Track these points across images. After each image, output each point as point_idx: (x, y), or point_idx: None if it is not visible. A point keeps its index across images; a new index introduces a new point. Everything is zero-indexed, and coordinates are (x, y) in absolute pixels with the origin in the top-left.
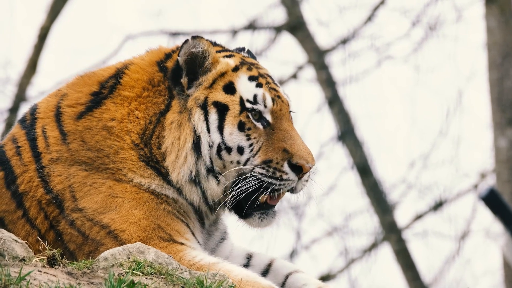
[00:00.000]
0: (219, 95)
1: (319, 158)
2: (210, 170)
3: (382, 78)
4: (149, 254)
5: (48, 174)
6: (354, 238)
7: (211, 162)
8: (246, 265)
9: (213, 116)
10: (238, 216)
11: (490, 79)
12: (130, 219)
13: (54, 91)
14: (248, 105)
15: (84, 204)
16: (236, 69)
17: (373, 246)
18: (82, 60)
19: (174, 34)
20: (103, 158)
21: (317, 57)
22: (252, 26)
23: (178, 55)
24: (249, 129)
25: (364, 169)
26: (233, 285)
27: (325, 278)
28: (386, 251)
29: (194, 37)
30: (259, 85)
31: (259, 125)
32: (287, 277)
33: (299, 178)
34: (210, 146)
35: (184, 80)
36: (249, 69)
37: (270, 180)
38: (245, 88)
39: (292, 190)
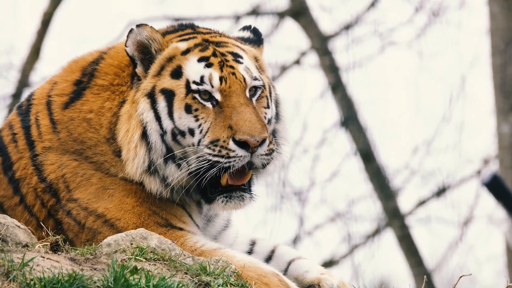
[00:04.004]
0: (166, 82)
1: (322, 144)
2: (169, 157)
3: (385, 64)
4: (152, 240)
5: (42, 163)
6: (357, 224)
7: (168, 149)
8: (250, 251)
9: (162, 104)
10: (204, 201)
11: (493, 65)
12: (124, 208)
13: (50, 77)
14: (193, 86)
15: (78, 194)
16: (186, 51)
17: (376, 232)
18: (85, 46)
19: (177, 20)
20: (87, 150)
21: (320, 43)
22: (255, 12)
23: (126, 45)
24: (196, 110)
25: (367, 155)
26: (236, 271)
27: (328, 264)
28: (389, 237)
29: (138, 26)
30: (208, 65)
31: (208, 104)
32: (289, 263)
33: (252, 153)
34: (162, 134)
35: (138, 69)
36: (204, 49)
37: (216, 158)
38: (193, 70)
39: (250, 165)
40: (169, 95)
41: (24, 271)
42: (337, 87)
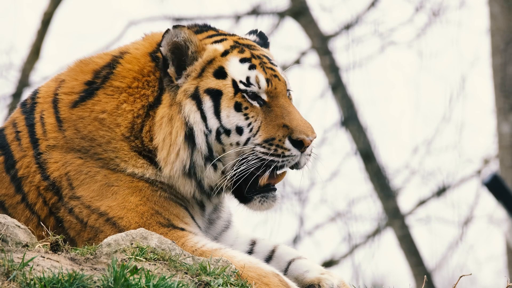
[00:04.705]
0: (210, 82)
1: (322, 143)
2: (208, 158)
3: (386, 63)
4: (152, 240)
5: (45, 161)
6: (358, 223)
7: (209, 150)
8: (250, 251)
9: (208, 104)
10: (238, 200)
11: (493, 65)
12: (127, 206)
13: (56, 75)
14: (241, 86)
15: (81, 192)
16: (225, 53)
17: (376, 231)
18: (85, 46)
19: (178, 20)
20: (96, 147)
21: (321, 43)
22: (255, 12)
23: (161, 46)
24: (246, 108)
25: (367, 155)
26: (236, 271)
27: (328, 264)
28: (389, 237)
29: (175, 27)
30: (252, 67)
31: (255, 103)
32: (290, 263)
33: (302, 152)
34: (207, 134)
35: (170, 70)
36: (241, 51)
37: (271, 158)
38: (237, 70)
39: (296, 166)
40: (215, 94)
41: (24, 271)
42: (337, 87)
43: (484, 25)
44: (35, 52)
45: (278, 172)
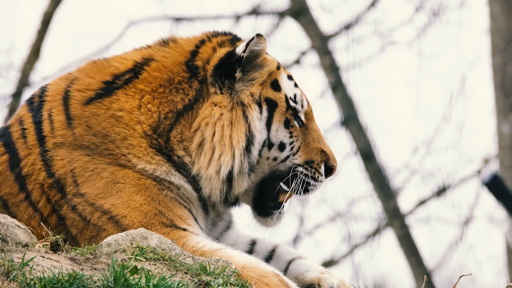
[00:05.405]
0: (269, 92)
1: None
2: (252, 168)
3: (386, 63)
4: (152, 240)
5: (51, 158)
6: (358, 223)
7: (254, 159)
8: (250, 251)
9: (265, 113)
10: (257, 212)
11: (493, 65)
12: (131, 205)
13: (65, 74)
14: (291, 103)
15: (85, 189)
16: (278, 67)
17: (376, 231)
18: (85, 46)
19: (178, 20)
20: (107, 143)
21: (321, 43)
22: (255, 12)
23: (243, 52)
24: (292, 126)
25: (367, 155)
26: (236, 271)
27: (328, 263)
28: (389, 237)
29: (258, 35)
30: (296, 85)
31: (296, 123)
32: (289, 263)
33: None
34: (259, 144)
35: (239, 74)
36: (284, 68)
37: (310, 180)
38: (287, 86)
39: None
40: (272, 105)
41: (24, 271)
42: (337, 87)
43: (484, 25)
44: (35, 52)
45: (304, 195)
